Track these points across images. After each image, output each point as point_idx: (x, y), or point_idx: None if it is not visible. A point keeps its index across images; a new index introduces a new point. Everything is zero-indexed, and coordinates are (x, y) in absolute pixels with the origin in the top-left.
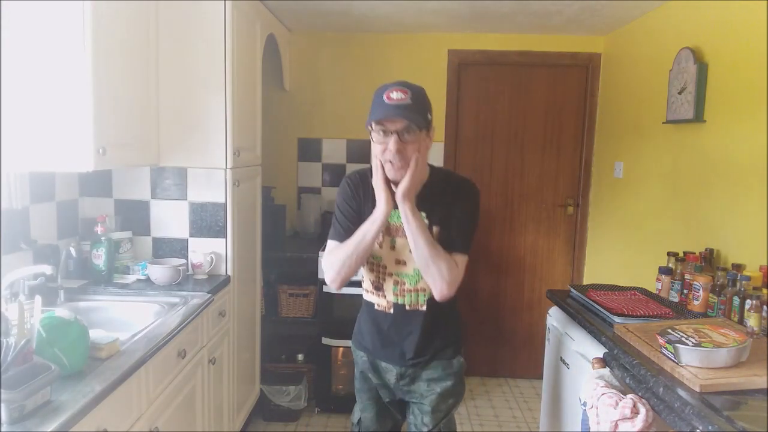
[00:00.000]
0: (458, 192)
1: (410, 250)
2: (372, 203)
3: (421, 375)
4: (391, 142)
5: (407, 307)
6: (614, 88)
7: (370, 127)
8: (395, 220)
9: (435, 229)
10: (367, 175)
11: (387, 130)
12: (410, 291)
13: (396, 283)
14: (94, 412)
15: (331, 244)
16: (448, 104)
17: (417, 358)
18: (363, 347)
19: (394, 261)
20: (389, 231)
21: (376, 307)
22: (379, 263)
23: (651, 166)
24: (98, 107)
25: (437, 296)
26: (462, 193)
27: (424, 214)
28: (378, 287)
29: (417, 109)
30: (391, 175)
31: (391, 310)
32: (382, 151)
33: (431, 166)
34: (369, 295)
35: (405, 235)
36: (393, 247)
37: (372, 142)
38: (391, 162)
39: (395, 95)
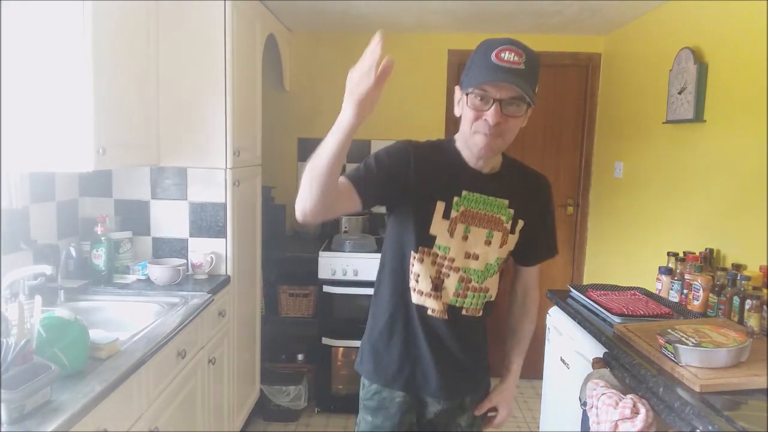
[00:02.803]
0: (540, 187)
1: (486, 242)
2: (429, 176)
3: (461, 402)
4: (492, 111)
5: (464, 312)
6: (614, 88)
7: (465, 91)
8: (471, 206)
9: (521, 222)
10: (435, 148)
11: (487, 96)
12: (474, 291)
13: (461, 280)
14: (94, 412)
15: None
16: (448, 104)
17: (466, 384)
18: (399, 381)
19: (463, 254)
20: (464, 217)
21: (429, 312)
22: (445, 255)
23: (651, 166)
24: (98, 107)
25: None
26: (545, 190)
27: (506, 202)
28: (437, 286)
29: (530, 78)
30: (475, 150)
31: (446, 316)
32: (475, 118)
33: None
34: (421, 298)
35: (482, 225)
36: (466, 237)
37: (460, 106)
38: (483, 133)
39: (507, 56)
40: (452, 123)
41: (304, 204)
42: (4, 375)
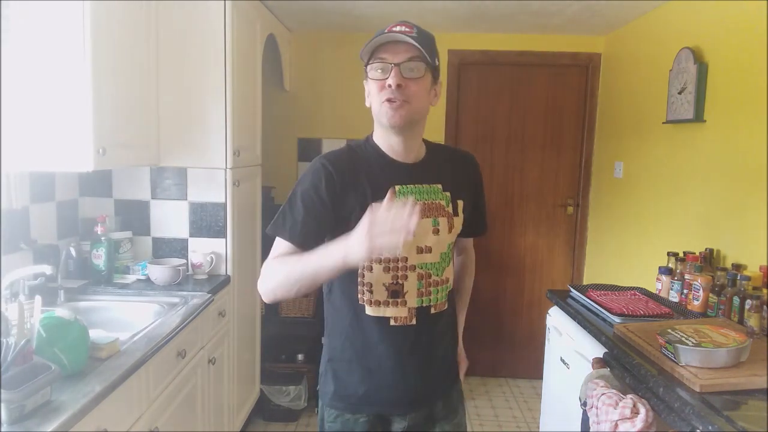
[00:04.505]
0: (468, 165)
1: (434, 231)
2: (357, 183)
3: (432, 413)
4: (392, 74)
5: (433, 310)
6: (614, 88)
7: (366, 68)
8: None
9: (461, 203)
10: (353, 152)
11: (386, 62)
12: (437, 285)
13: (420, 277)
14: (94, 412)
15: (279, 245)
16: (448, 104)
17: (433, 390)
18: (361, 403)
19: (415, 250)
20: None
21: (391, 322)
22: (397, 257)
23: (651, 166)
24: (98, 107)
25: None
26: (473, 167)
27: (440, 186)
28: (396, 292)
29: (423, 43)
30: (385, 120)
31: (413, 321)
32: (380, 89)
33: (423, 139)
34: (379, 309)
35: (424, 215)
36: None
37: (367, 90)
38: (389, 101)
39: (398, 28)
40: (452, 122)
41: (275, 296)
42: (4, 375)
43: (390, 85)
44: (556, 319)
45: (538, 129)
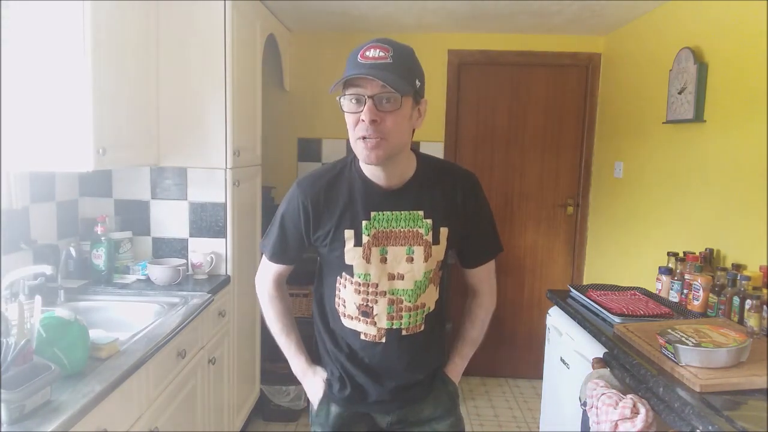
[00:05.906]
0: (460, 186)
1: (408, 260)
2: (332, 210)
3: (420, 415)
4: (365, 109)
5: (404, 332)
6: (614, 88)
7: (340, 97)
8: (383, 226)
9: (444, 230)
10: (335, 174)
11: (360, 95)
12: (409, 310)
13: (391, 303)
14: (94, 412)
15: (263, 263)
16: (448, 104)
17: (415, 393)
18: (333, 396)
19: (386, 276)
20: (377, 239)
21: (362, 336)
22: (368, 282)
23: (651, 166)
24: (98, 107)
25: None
26: (467, 188)
27: (421, 213)
28: (366, 312)
29: (399, 70)
30: (363, 156)
31: (383, 340)
32: (354, 123)
33: (417, 153)
34: (351, 322)
35: (399, 243)
36: (384, 260)
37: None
38: (364, 138)
39: (372, 53)
40: (452, 122)
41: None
42: (4, 375)
43: (363, 120)
44: (556, 319)
45: (538, 129)
